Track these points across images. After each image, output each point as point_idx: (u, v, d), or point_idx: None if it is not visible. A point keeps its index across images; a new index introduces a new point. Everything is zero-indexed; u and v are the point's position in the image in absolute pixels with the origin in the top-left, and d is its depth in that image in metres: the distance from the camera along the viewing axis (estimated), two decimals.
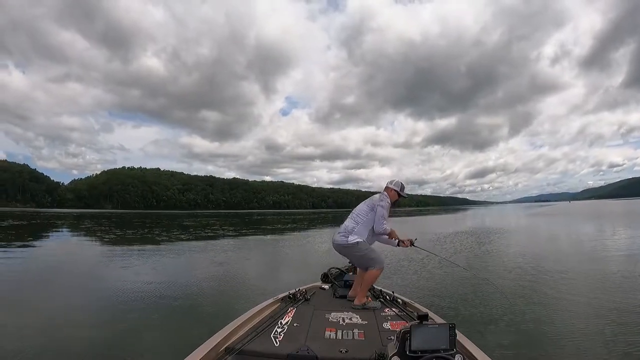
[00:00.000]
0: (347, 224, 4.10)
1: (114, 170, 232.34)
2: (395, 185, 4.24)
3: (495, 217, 48.42)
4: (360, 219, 4.06)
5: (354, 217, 4.13)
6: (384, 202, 4.06)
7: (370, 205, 4.10)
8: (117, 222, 39.55)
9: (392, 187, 4.24)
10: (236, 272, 9.56)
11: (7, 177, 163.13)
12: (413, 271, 8.82)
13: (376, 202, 4.09)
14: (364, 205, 4.17)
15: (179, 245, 16.54)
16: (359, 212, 4.14)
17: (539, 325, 5.02)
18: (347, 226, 4.07)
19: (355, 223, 4.06)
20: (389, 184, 4.27)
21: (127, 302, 6.54)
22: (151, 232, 25.18)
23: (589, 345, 4.32)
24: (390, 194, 4.20)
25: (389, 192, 4.21)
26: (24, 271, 9.98)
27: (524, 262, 10.34)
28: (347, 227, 4.07)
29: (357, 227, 4.02)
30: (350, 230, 4.02)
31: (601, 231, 21.16)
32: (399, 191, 4.24)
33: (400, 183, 4.28)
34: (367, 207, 4.11)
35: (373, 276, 3.85)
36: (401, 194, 4.27)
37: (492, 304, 5.92)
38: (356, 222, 4.06)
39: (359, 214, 4.11)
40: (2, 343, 4.56)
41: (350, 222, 4.10)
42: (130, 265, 10.53)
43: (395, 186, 4.24)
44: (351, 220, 4.11)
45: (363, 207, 4.14)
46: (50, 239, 21.26)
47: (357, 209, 4.20)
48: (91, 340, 4.58)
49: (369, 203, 4.15)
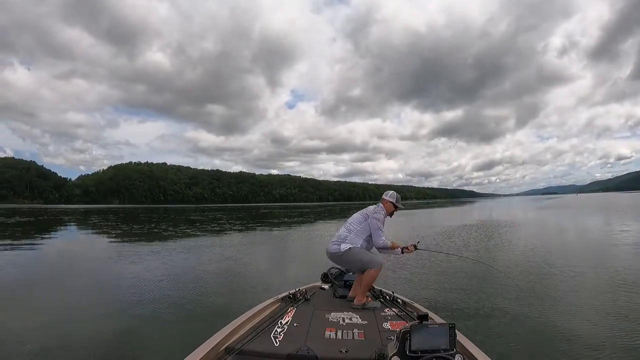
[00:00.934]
0: (341, 232, 4.17)
1: (120, 165, 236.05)
2: (390, 197, 4.32)
3: (502, 210, 47.98)
4: (354, 227, 4.13)
5: (347, 225, 4.21)
6: (379, 214, 4.14)
7: (364, 215, 4.19)
8: (123, 217, 39.87)
9: (388, 199, 4.30)
10: (240, 270, 9.52)
11: (15, 174, 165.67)
12: (413, 271, 8.76)
13: (370, 213, 4.17)
14: (359, 214, 4.25)
15: (184, 241, 16.50)
16: (352, 220, 4.23)
17: (539, 325, 4.97)
18: (340, 235, 4.14)
19: (348, 232, 4.13)
20: (384, 196, 4.34)
21: (126, 300, 6.57)
22: (157, 227, 25.36)
23: (591, 346, 4.27)
24: (385, 205, 4.27)
25: (384, 204, 4.28)
26: (24, 268, 10.08)
27: (527, 258, 10.26)
28: (340, 235, 4.14)
29: (349, 235, 4.09)
30: (343, 238, 4.08)
31: (610, 224, 20.89)
32: (395, 202, 4.31)
33: (396, 195, 4.38)
34: (361, 217, 4.20)
35: (371, 276, 3.87)
36: (397, 206, 4.33)
37: (492, 304, 5.88)
38: (349, 230, 4.14)
39: (352, 223, 4.19)
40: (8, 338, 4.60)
41: (344, 230, 4.17)
42: (131, 263, 10.50)
43: (390, 198, 4.31)
44: (344, 229, 4.19)
45: (357, 217, 4.23)
46: (54, 235, 21.42)
47: (351, 218, 4.28)
48: (91, 340, 4.59)
49: (364, 213, 4.23)
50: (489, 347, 3.97)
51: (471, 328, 4.72)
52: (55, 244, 16.76)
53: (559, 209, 43.81)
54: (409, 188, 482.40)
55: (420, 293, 6.63)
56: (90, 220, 36.07)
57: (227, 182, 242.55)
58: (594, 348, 4.17)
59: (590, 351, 4.10)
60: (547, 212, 39.40)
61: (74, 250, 14.86)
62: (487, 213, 39.90)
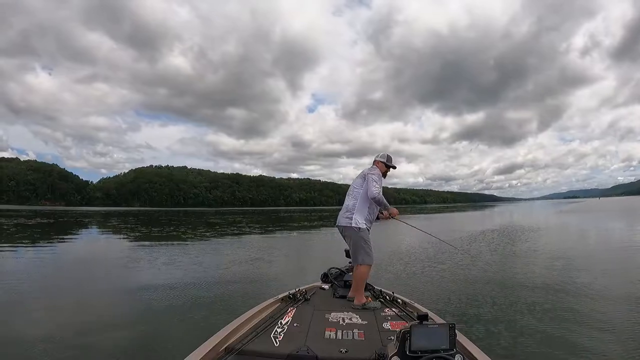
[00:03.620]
0: (348, 202, 4.27)
1: (141, 168, 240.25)
2: (381, 157, 4.44)
3: (521, 214, 47.02)
4: (358, 193, 4.23)
5: (352, 193, 4.31)
6: (375, 171, 4.25)
7: (362, 176, 4.28)
8: (143, 220, 40.65)
9: (379, 159, 4.43)
10: (247, 270, 9.64)
11: (37, 177, 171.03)
12: (413, 271, 8.86)
13: (367, 171, 4.27)
14: (358, 178, 4.35)
15: (200, 244, 16.70)
16: (354, 185, 4.33)
17: (540, 326, 4.99)
18: (348, 205, 4.24)
19: (354, 199, 4.23)
20: (377, 157, 4.48)
21: (127, 300, 6.75)
22: (176, 230, 25.74)
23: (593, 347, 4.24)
24: (378, 166, 4.39)
25: (377, 164, 4.41)
26: (39, 270, 10.28)
27: (533, 261, 10.28)
28: (348, 206, 4.24)
29: (357, 203, 4.19)
30: (352, 208, 4.19)
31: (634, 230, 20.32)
32: (386, 162, 4.44)
33: (387, 155, 4.48)
34: (361, 179, 4.29)
35: (363, 273, 3.98)
36: (389, 165, 4.46)
37: (492, 304, 5.92)
38: (355, 197, 4.24)
39: (354, 188, 4.31)
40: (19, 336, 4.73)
41: (350, 199, 4.27)
42: (139, 264, 10.70)
43: (381, 158, 4.43)
44: (350, 197, 4.28)
45: (357, 181, 4.33)
46: (70, 237, 21.88)
47: (352, 183, 4.40)
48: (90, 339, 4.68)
49: (361, 175, 4.33)
50: (489, 347, 4.07)
51: (471, 328, 4.82)
52: (69, 246, 17.16)
53: (580, 214, 42.81)
54: (428, 192, 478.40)
55: (420, 293, 6.70)
56: (110, 222, 36.87)
57: (247, 186, 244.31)
58: (595, 349, 4.16)
59: (590, 353, 4.07)
60: (567, 216, 38.35)
61: (88, 252, 15.27)
62: (505, 218, 38.96)
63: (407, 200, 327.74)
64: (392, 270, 8.88)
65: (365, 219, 4.16)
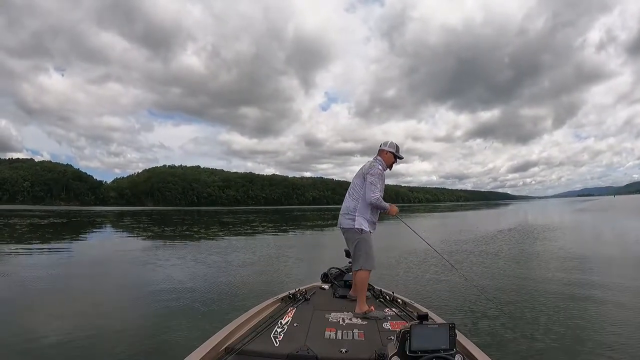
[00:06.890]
0: (348, 203, 3.93)
1: (155, 168, 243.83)
2: (390, 147, 4.00)
3: (533, 213, 46.33)
4: (359, 194, 3.86)
5: (352, 193, 3.95)
6: (374, 169, 3.83)
7: (361, 176, 3.90)
8: (156, 219, 41.29)
9: (387, 149, 3.99)
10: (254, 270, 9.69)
11: (52, 177, 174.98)
12: (413, 271, 8.88)
13: (366, 171, 3.87)
14: (357, 178, 3.97)
15: (210, 244, 16.78)
16: (354, 186, 3.95)
17: (540, 326, 4.98)
18: (349, 206, 3.91)
19: (355, 200, 3.88)
20: (383, 147, 4.02)
21: (127, 300, 6.85)
22: (189, 230, 26.03)
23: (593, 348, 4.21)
24: (384, 157, 3.99)
25: (383, 155, 4.00)
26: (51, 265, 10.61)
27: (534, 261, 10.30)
28: (349, 207, 3.91)
29: (358, 205, 3.86)
30: (353, 210, 3.86)
31: None
32: (395, 152, 4.00)
33: (395, 144, 4.03)
34: (360, 180, 3.90)
35: (363, 279, 3.73)
36: (397, 156, 4.03)
37: (492, 304, 5.86)
38: (356, 199, 3.88)
39: (355, 188, 3.93)
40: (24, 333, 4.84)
41: (351, 200, 3.92)
42: (145, 264, 10.82)
43: (390, 148, 3.99)
44: (351, 198, 3.93)
45: (357, 181, 3.95)
46: (83, 236, 22.29)
47: (352, 183, 4.02)
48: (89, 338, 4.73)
49: (360, 174, 3.95)
50: (489, 347, 4.06)
51: (471, 328, 4.83)
52: (80, 245, 17.55)
53: (594, 212, 42.29)
54: (441, 190, 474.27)
55: (420, 293, 6.71)
56: (123, 222, 37.49)
57: (260, 185, 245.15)
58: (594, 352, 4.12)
59: (591, 355, 4.05)
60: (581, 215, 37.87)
61: (97, 251, 15.51)
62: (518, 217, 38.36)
63: (420, 199, 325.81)
64: (392, 270, 8.90)
65: (368, 221, 3.86)
